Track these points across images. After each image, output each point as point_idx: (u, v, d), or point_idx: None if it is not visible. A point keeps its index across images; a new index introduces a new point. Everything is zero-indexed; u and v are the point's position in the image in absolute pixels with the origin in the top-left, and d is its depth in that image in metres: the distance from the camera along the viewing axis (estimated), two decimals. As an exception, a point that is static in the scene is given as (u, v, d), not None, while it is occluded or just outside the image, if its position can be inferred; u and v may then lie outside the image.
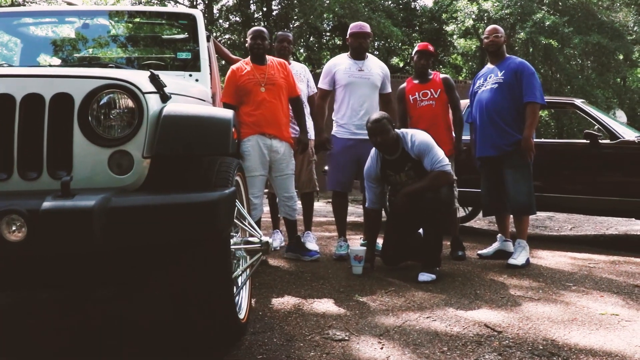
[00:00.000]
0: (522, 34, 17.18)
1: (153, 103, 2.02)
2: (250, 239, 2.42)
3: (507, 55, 4.24)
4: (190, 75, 3.23)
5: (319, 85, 4.42)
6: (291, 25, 17.07)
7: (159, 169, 2.03)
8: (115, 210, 1.75)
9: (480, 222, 7.00)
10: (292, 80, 4.01)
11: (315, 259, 4.08)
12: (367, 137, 4.09)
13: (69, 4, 16.62)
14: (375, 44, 19.28)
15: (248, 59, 3.99)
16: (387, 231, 3.87)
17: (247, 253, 2.48)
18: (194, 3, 18.91)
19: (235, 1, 18.30)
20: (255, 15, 18.39)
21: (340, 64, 4.35)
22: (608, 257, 4.46)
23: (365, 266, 3.70)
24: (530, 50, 18.71)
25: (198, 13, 3.57)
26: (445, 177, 3.59)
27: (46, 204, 1.69)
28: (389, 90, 4.46)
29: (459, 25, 18.12)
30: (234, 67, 3.94)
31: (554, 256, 4.50)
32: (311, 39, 20.87)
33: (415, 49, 4.50)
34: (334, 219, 4.57)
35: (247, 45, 3.97)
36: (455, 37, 19.49)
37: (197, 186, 2.00)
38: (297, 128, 4.17)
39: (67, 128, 1.94)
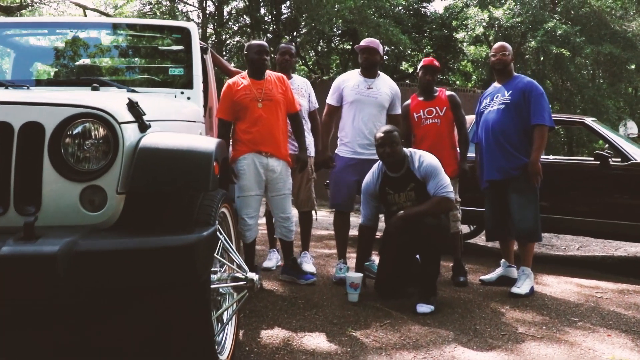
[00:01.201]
0: (533, 42, 16.96)
1: (130, 134, 1.89)
2: (237, 274, 2.28)
3: (515, 73, 4.08)
4: (182, 93, 3.10)
5: (327, 101, 4.27)
6: (300, 30, 16.96)
7: (135, 205, 1.89)
8: (82, 255, 1.62)
9: (484, 239, 6.82)
10: (291, 95, 3.87)
11: (311, 283, 3.94)
12: (370, 158, 3.96)
13: (77, 4, 16.60)
14: (385, 49, 19.13)
15: (245, 72, 3.85)
16: (381, 258, 3.73)
17: (233, 289, 2.34)
18: (204, 4, 18.87)
19: (245, 4, 18.21)
20: (265, 19, 18.31)
21: (349, 80, 4.20)
22: (616, 285, 4.29)
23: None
24: (541, 59, 18.49)
25: (192, 26, 3.43)
26: (447, 203, 3.45)
27: (5, 249, 1.56)
28: (399, 111, 4.27)
29: (469, 33, 17.92)
30: (229, 81, 3.79)
31: (560, 282, 4.34)
32: (320, 42, 20.73)
33: (420, 64, 4.35)
34: (335, 232, 4.42)
35: (248, 58, 3.78)
36: (465, 44, 19.28)
37: (175, 224, 1.87)
38: (296, 144, 4.02)
39: (36, 160, 1.82)
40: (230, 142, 3.78)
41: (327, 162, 4.17)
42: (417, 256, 3.72)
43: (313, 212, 4.40)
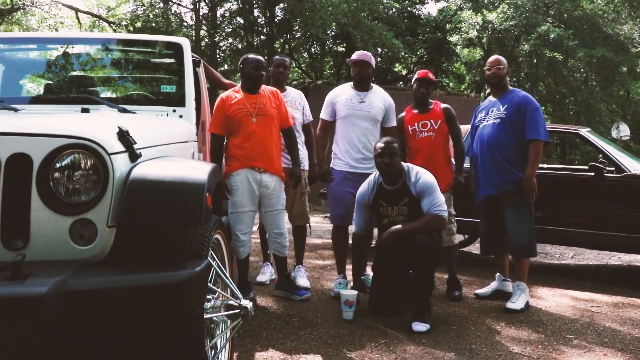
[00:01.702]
0: (526, 46, 17.01)
1: (120, 164, 1.85)
2: (230, 302, 2.24)
3: (510, 87, 4.06)
4: (174, 111, 3.05)
5: (320, 116, 4.24)
6: (294, 33, 16.91)
7: (126, 237, 1.85)
8: (72, 295, 1.58)
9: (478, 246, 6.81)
10: (285, 110, 3.83)
11: (305, 299, 3.91)
12: (365, 172, 3.95)
13: (70, 7, 16.49)
14: (379, 51, 19.11)
15: (238, 86, 3.81)
16: (374, 275, 3.70)
17: (227, 317, 2.31)
18: (197, 7, 18.79)
19: (238, 6, 18.15)
20: (259, 21, 18.26)
21: (341, 94, 4.17)
22: (611, 298, 4.28)
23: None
24: (535, 62, 18.55)
25: (184, 42, 3.38)
26: (439, 222, 3.44)
27: (-8, 290, 1.52)
28: (393, 124, 4.25)
29: (463, 36, 17.94)
30: (222, 95, 3.74)
31: (554, 295, 4.33)
32: (314, 44, 20.69)
33: (415, 76, 4.31)
34: (330, 240, 4.38)
35: (244, 71, 3.72)
36: (459, 47, 19.30)
37: (167, 257, 1.83)
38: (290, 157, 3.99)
39: (24, 193, 1.77)
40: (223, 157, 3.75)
41: (325, 176, 4.15)
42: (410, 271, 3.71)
43: (307, 225, 4.36)
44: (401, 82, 23.71)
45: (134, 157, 1.91)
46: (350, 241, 4.10)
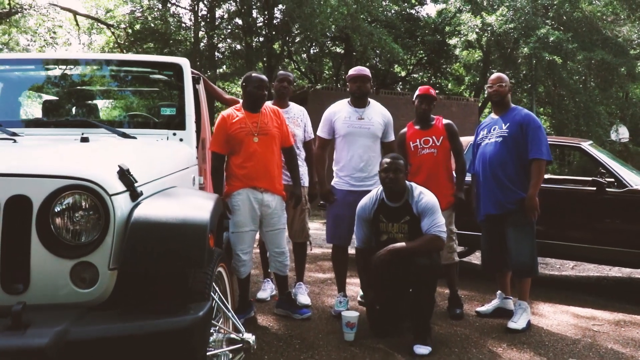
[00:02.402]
0: (525, 49, 16.98)
1: (121, 205, 1.82)
2: (232, 336, 2.22)
3: (512, 105, 4.04)
4: (175, 134, 3.02)
5: (318, 134, 4.22)
6: (293, 37, 16.85)
7: (127, 277, 1.83)
8: (74, 345, 1.56)
9: (478, 259, 6.80)
10: (286, 129, 3.81)
11: (306, 318, 3.89)
12: (366, 189, 3.92)
13: (68, 10, 16.41)
14: (377, 51, 19.07)
15: (240, 104, 3.78)
16: (373, 293, 3.68)
17: (229, 351, 2.28)
18: (195, 9, 18.72)
19: (237, 7, 18.07)
20: (257, 23, 18.20)
21: (339, 111, 4.14)
22: (612, 315, 4.27)
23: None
24: (534, 63, 18.53)
25: (184, 62, 3.35)
26: (438, 243, 3.42)
27: (-9, 342, 1.49)
28: (392, 138, 4.24)
29: (462, 39, 17.91)
30: (224, 113, 3.72)
31: (556, 312, 4.32)
32: (313, 46, 20.64)
33: (416, 93, 4.27)
34: (330, 250, 4.35)
35: (246, 90, 3.68)
36: (458, 50, 19.27)
37: (170, 298, 1.80)
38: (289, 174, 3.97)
39: (24, 236, 1.74)
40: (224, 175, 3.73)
41: (328, 197, 4.13)
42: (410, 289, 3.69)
43: (307, 242, 4.34)
44: (400, 84, 23.72)
45: (134, 196, 1.89)
46: (348, 253, 4.08)
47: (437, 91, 22.06)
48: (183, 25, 19.00)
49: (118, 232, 1.78)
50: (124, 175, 1.88)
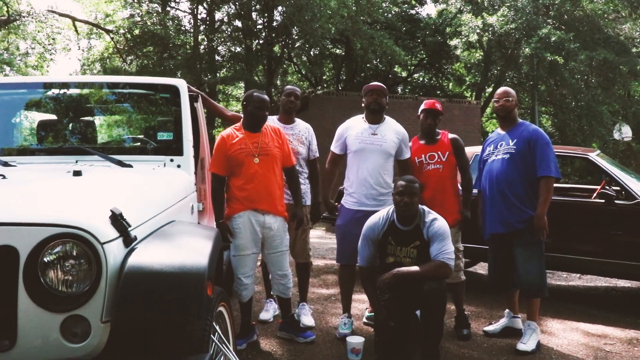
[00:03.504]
0: (527, 49, 16.84)
1: (114, 251, 1.72)
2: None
3: (520, 120, 3.93)
4: (172, 161, 2.92)
5: (331, 148, 4.11)
6: (294, 40, 16.73)
7: (121, 329, 1.73)
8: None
9: (483, 269, 6.69)
10: (287, 149, 3.70)
11: (310, 341, 3.78)
12: (377, 209, 3.80)
13: (67, 16, 16.32)
14: (378, 53, 18.93)
15: (239, 124, 3.68)
16: (377, 318, 3.57)
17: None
18: (195, 12, 18.62)
19: (236, 10, 17.97)
20: (257, 25, 18.08)
21: (352, 127, 4.02)
22: (624, 333, 4.17)
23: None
24: (535, 63, 18.40)
25: (181, 84, 3.24)
26: (445, 270, 3.32)
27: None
28: (407, 156, 4.07)
29: (463, 40, 17.77)
30: (223, 133, 3.62)
31: (565, 330, 4.21)
32: (313, 48, 20.50)
33: (422, 107, 4.14)
34: (334, 261, 4.25)
35: (246, 109, 3.56)
36: (459, 51, 19.14)
37: (166, 348, 1.70)
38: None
39: (11, 289, 1.65)
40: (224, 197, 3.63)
41: (332, 210, 4.12)
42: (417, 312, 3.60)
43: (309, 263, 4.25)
44: (401, 85, 23.59)
45: (128, 241, 1.78)
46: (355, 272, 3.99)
47: (438, 92, 22.05)
48: (182, 29, 18.91)
49: (111, 283, 1.68)
50: (117, 220, 1.78)
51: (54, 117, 3.22)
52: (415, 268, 3.32)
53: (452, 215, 3.92)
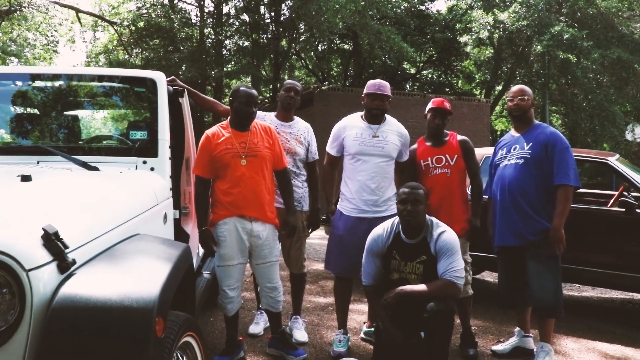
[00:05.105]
0: (539, 47, 16.40)
1: (44, 279, 1.41)
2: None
3: (536, 122, 3.58)
4: (145, 163, 2.60)
5: (327, 150, 3.77)
6: (300, 34, 16.41)
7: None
8: None
9: (492, 276, 6.35)
10: (279, 149, 3.37)
11: (302, 359, 3.46)
12: (377, 215, 3.48)
13: (70, 7, 16.05)
14: (386, 48, 18.55)
15: (226, 122, 3.35)
16: (378, 336, 3.26)
17: None
18: (202, 3, 18.31)
19: (244, 3, 17.66)
20: (265, 19, 17.78)
21: (351, 127, 3.66)
22: (645, 354, 3.82)
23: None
24: (547, 61, 17.96)
25: (159, 77, 2.90)
26: (453, 290, 3.00)
27: None
28: (406, 158, 3.77)
29: (473, 37, 17.36)
30: (208, 132, 3.29)
31: (581, 350, 3.87)
32: (320, 43, 20.15)
33: (429, 105, 3.77)
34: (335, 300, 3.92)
35: (232, 105, 3.26)
36: (469, 47, 18.73)
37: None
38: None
39: None
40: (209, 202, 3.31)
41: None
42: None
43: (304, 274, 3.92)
44: (409, 82, 23.20)
45: (63, 267, 1.46)
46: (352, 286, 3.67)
47: (447, 89, 21.65)
48: (189, 22, 18.60)
49: (37, 319, 1.36)
50: (50, 241, 1.45)
51: (15, 111, 2.90)
52: (421, 287, 3.00)
53: (459, 224, 3.58)
